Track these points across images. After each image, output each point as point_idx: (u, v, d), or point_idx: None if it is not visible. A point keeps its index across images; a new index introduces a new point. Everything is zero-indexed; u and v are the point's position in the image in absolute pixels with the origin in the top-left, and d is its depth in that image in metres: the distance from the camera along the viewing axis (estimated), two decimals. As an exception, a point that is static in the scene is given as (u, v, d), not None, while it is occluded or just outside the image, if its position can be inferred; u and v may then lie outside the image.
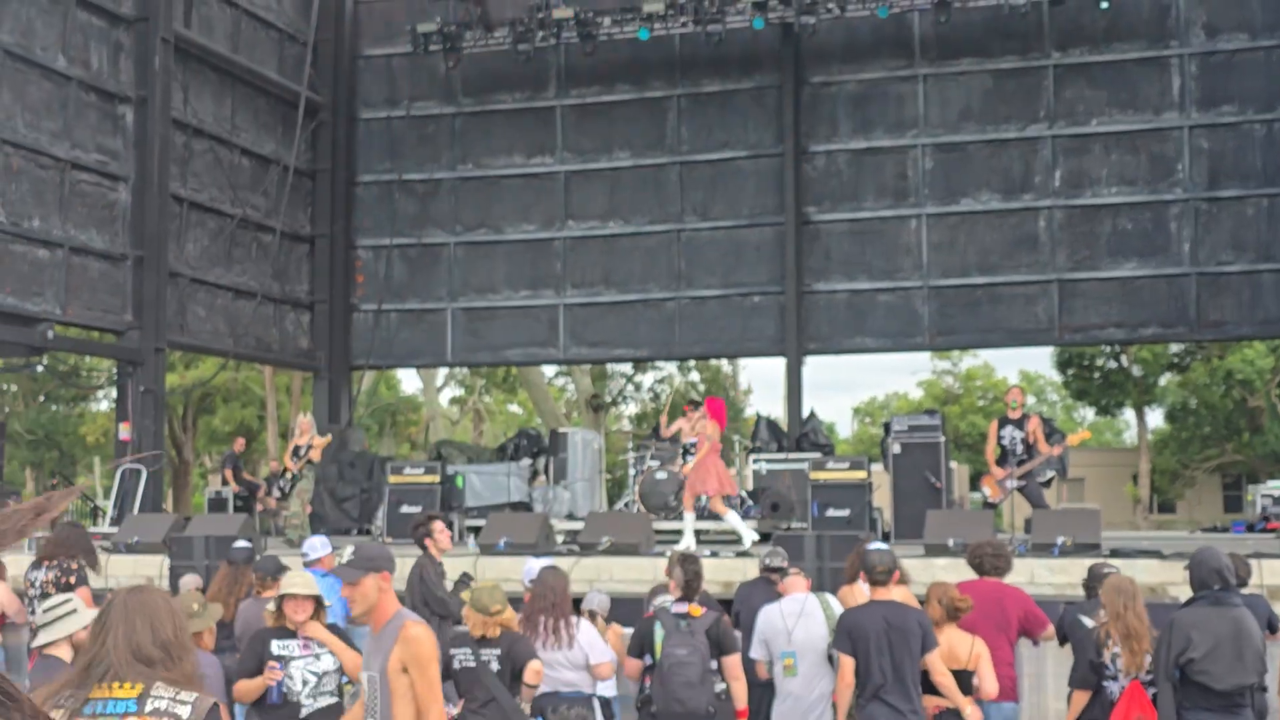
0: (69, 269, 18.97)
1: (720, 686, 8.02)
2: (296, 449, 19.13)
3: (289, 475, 18.91)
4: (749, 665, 8.57)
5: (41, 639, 6.85)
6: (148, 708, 3.56)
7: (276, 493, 20.75)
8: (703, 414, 15.33)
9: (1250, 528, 21.26)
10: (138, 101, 20.13)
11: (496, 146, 24.39)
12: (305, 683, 7.40)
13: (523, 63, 22.82)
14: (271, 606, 7.72)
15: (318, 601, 7.68)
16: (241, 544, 10.59)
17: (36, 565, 10.83)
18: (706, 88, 23.36)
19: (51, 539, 10.92)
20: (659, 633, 8.02)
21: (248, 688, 7.44)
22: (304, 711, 7.36)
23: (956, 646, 7.80)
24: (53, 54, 18.85)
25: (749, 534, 14.58)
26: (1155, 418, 48.24)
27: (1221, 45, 21.21)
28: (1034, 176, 21.86)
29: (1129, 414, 49.49)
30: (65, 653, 6.94)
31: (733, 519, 14.77)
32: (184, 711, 3.58)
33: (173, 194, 20.81)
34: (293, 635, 7.49)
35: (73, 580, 10.68)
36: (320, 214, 24.73)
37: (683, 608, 8.16)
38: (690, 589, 8.35)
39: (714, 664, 8.03)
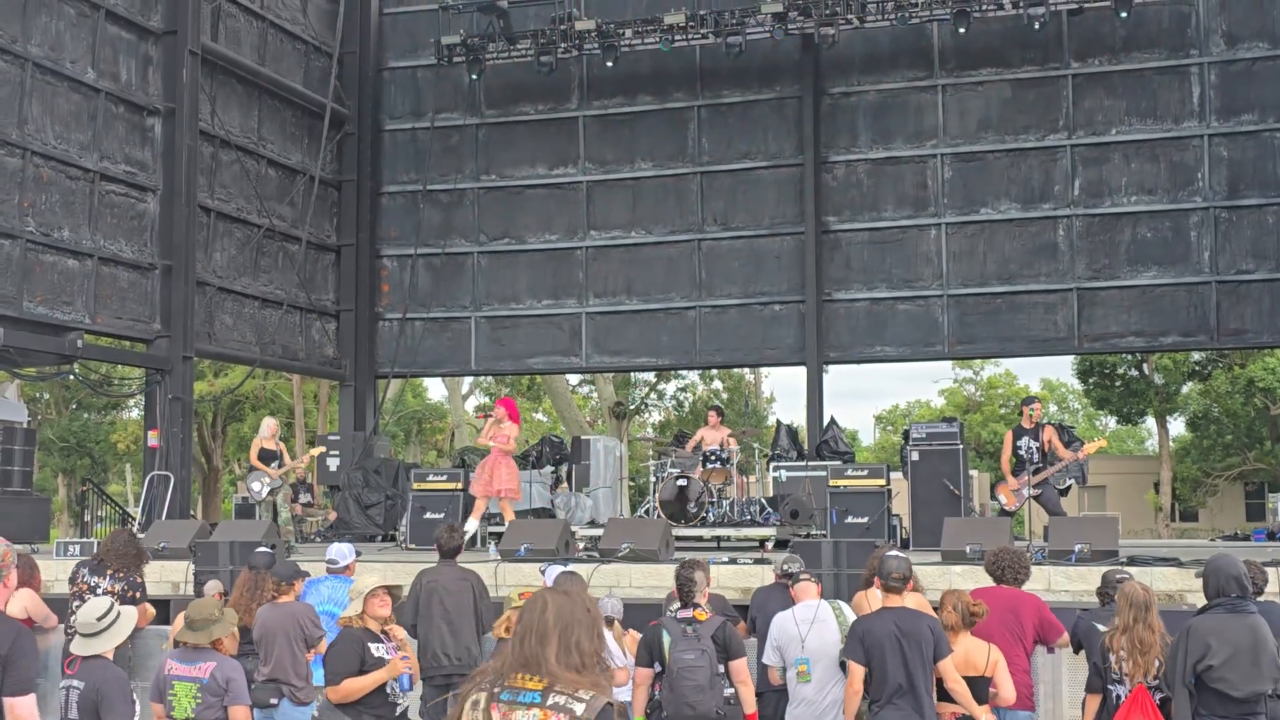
0: (98, 278, 19.24)
1: (729, 690, 8.15)
2: (267, 452, 19.13)
3: (266, 482, 18.90)
4: (762, 671, 8.70)
5: (88, 649, 7.01)
6: (549, 701, 3.89)
7: (304, 498, 20.96)
8: (502, 415, 15.62)
9: (1271, 535, 21.27)
10: (166, 113, 20.40)
11: (519, 157, 24.60)
12: (399, 680, 7.77)
13: (545, 74, 23.03)
14: (353, 610, 7.88)
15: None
16: (262, 549, 10.78)
17: (99, 570, 10.97)
18: (727, 98, 23.53)
19: (113, 549, 11.09)
20: (666, 639, 8.15)
21: (359, 685, 7.65)
22: (399, 710, 7.63)
23: (974, 653, 7.90)
24: (82, 67, 19.13)
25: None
26: (1177, 426, 48.19)
27: (1242, 54, 21.24)
28: (1053, 185, 21.94)
29: (1150, 422, 49.42)
30: (110, 653, 7.12)
31: (471, 525, 15.25)
32: (579, 709, 3.89)
33: (200, 204, 21.06)
34: (377, 638, 7.76)
35: (137, 595, 10.90)
36: (346, 224, 24.99)
37: (687, 613, 8.29)
38: (683, 594, 8.46)
39: (722, 668, 8.16)
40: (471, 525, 15.34)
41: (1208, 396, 43.88)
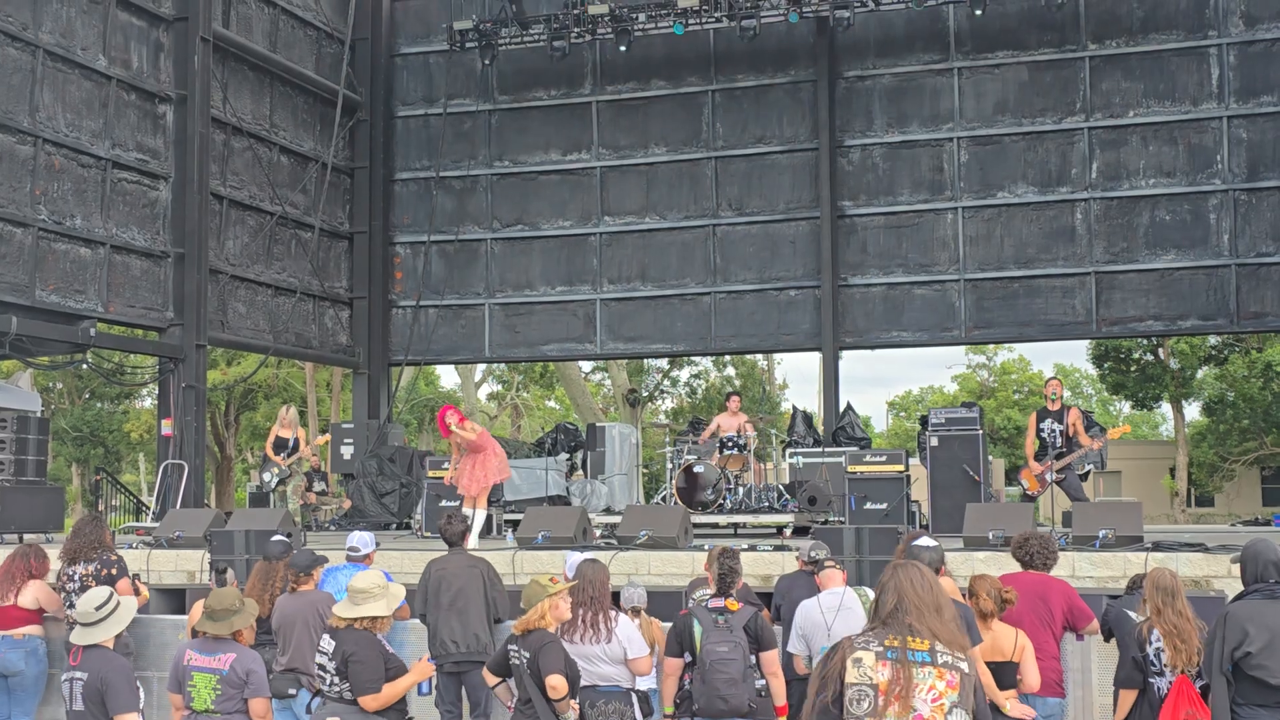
0: (111, 267, 19.16)
1: (760, 682, 8.03)
2: (281, 441, 19.04)
3: (275, 471, 18.83)
4: (788, 659, 8.59)
5: (88, 638, 6.93)
6: (939, 660, 4.37)
7: (318, 486, 20.90)
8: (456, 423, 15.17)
9: (1291, 520, 21.12)
10: (178, 100, 20.30)
11: (533, 143, 24.48)
12: (419, 686, 7.54)
13: (558, 59, 22.90)
14: (377, 610, 7.58)
15: None
16: (278, 538, 10.68)
17: (73, 560, 10.96)
18: (741, 82, 23.38)
19: (79, 535, 11.04)
20: (697, 629, 8.02)
21: (398, 689, 7.43)
22: (410, 709, 7.51)
23: (1001, 639, 7.80)
24: (93, 54, 19.03)
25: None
26: (1192, 411, 47.98)
27: (1261, 35, 21.04)
28: (1070, 169, 21.77)
29: (1166, 407, 49.20)
30: (110, 642, 7.03)
31: (479, 518, 14.84)
32: (964, 666, 4.42)
33: (213, 192, 20.97)
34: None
35: (114, 572, 10.83)
36: (359, 211, 24.89)
37: (719, 603, 8.17)
38: (724, 584, 8.35)
39: (753, 659, 8.04)
40: (479, 515, 15.02)
41: (1224, 381, 43.66)
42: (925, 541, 8.13)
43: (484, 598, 9.79)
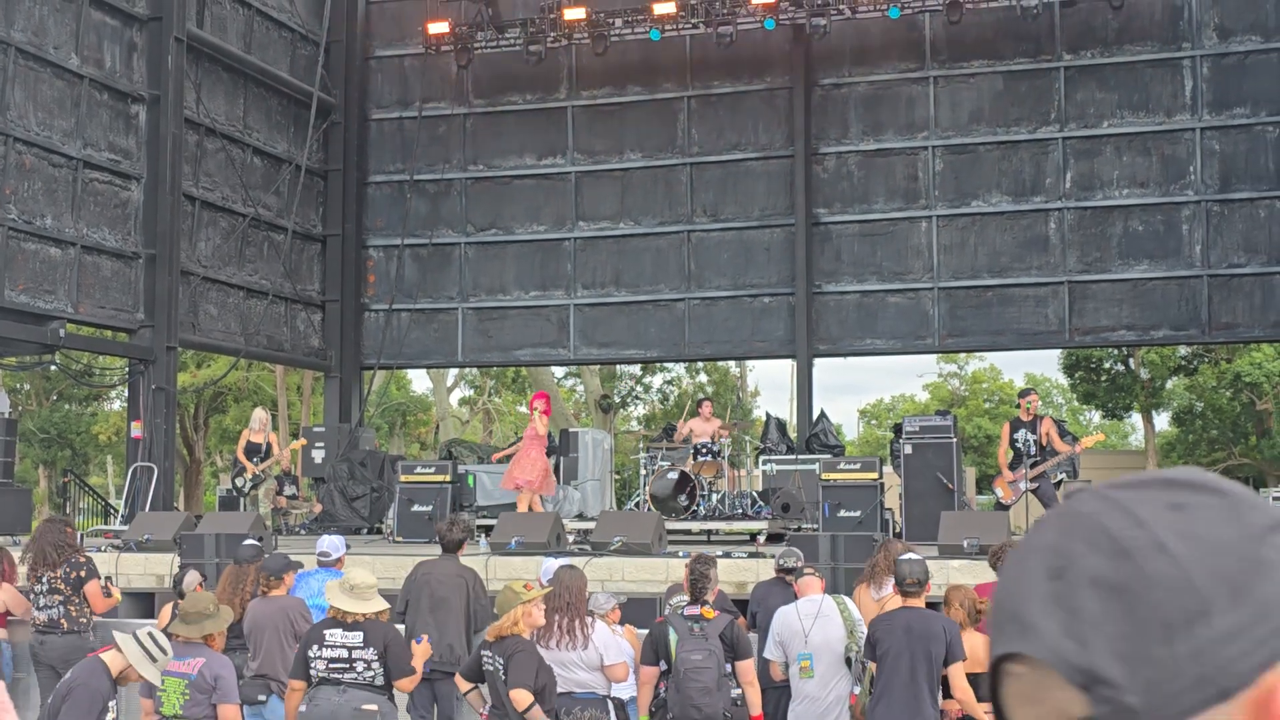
0: (81, 267, 18.99)
1: (736, 691, 7.97)
2: (253, 446, 18.93)
3: (248, 476, 18.73)
4: (764, 666, 8.54)
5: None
6: None
7: (288, 490, 20.76)
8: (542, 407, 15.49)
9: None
10: (150, 100, 20.15)
11: (507, 147, 24.39)
12: None
13: (534, 64, 22.83)
14: (379, 606, 8.01)
15: None
16: (249, 542, 10.58)
17: (37, 565, 10.82)
18: (717, 89, 23.36)
19: (41, 540, 10.90)
20: (673, 637, 7.95)
21: (419, 666, 8.16)
22: None
23: (978, 649, 7.78)
24: (65, 53, 18.87)
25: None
26: (1162, 421, 48.18)
27: (1234, 47, 21.16)
28: (1045, 178, 21.84)
29: (1136, 417, 49.40)
30: (113, 662, 6.89)
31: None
32: None
33: (185, 193, 20.82)
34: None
35: (83, 574, 10.71)
36: (332, 214, 24.76)
37: (695, 610, 8.11)
38: (696, 590, 8.29)
39: (729, 668, 7.98)
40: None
41: (1194, 391, 43.86)
42: (909, 555, 8.09)
43: (465, 609, 9.70)
